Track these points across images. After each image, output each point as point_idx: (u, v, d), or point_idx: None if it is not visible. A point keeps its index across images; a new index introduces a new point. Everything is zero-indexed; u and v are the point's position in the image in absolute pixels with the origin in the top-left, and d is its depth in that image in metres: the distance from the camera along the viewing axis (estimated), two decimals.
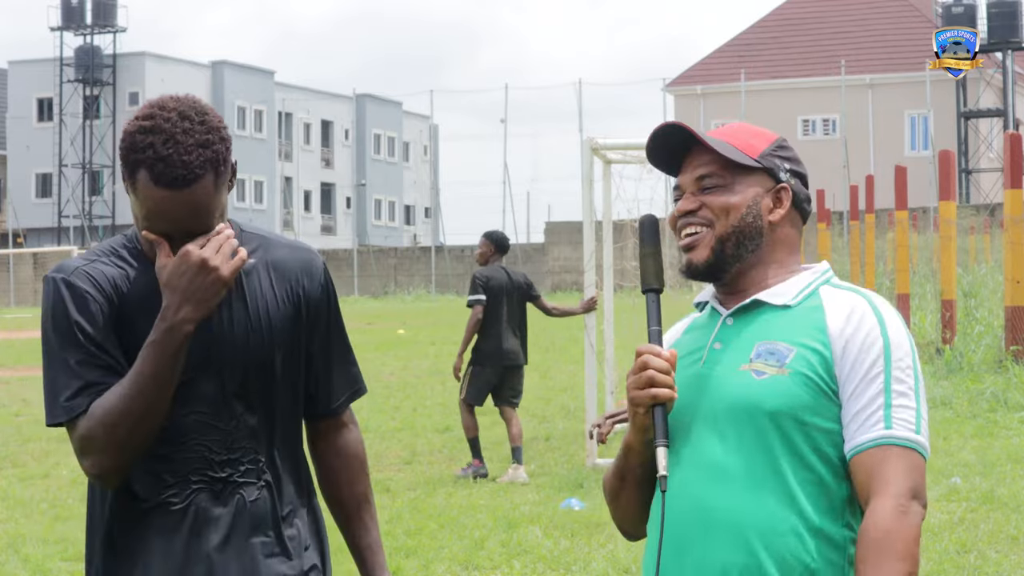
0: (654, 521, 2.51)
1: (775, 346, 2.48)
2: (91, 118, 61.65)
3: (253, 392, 2.73)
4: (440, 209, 56.72)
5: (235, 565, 2.71)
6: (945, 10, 50.97)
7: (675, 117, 57.65)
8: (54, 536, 8.50)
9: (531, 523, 8.40)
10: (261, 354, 2.72)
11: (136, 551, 2.71)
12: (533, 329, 11.33)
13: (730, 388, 2.48)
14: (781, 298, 2.54)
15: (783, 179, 2.59)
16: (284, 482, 2.78)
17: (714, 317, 2.61)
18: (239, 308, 2.72)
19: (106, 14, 61.22)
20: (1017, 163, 13.89)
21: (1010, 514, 8.07)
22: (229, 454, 2.70)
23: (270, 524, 2.74)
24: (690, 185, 2.59)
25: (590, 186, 11.23)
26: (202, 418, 2.69)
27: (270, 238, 2.82)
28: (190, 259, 2.57)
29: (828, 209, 28.09)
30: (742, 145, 2.60)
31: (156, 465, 2.69)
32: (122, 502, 2.72)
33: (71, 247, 49.34)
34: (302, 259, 2.81)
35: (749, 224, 2.56)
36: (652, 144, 2.63)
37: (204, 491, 2.69)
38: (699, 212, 2.57)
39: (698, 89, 58.28)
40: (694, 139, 2.60)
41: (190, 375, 2.66)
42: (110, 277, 2.67)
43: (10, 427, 13.68)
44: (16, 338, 29.04)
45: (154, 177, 2.56)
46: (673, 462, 2.48)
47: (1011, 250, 13.78)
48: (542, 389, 16.25)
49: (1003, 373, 13.45)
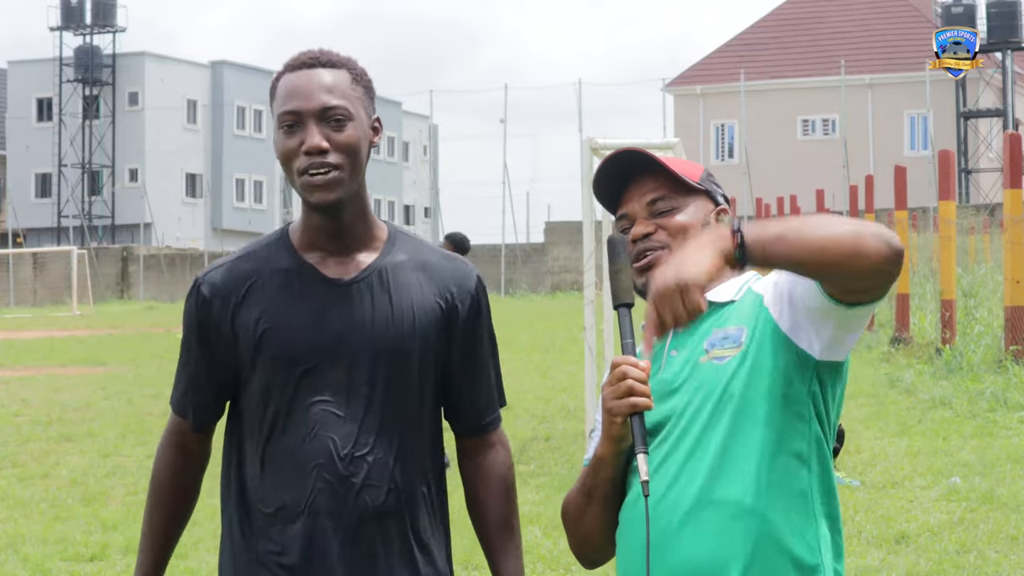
0: (630, 528, 2.54)
1: (726, 331, 2.57)
2: (91, 118, 61.63)
3: (382, 385, 2.67)
4: (440, 209, 56.70)
5: (357, 572, 2.66)
6: (945, 10, 50.95)
7: (675, 117, 57.66)
8: (54, 536, 8.49)
9: (531, 523, 8.40)
10: (398, 345, 2.68)
11: (257, 552, 2.69)
12: (534, 329, 11.31)
13: (698, 383, 2.55)
14: (726, 294, 2.63)
15: (719, 201, 2.72)
16: (415, 489, 2.72)
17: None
18: (382, 299, 2.70)
19: (106, 14, 61.21)
20: (1016, 163, 13.88)
21: (1010, 514, 8.07)
22: (355, 451, 2.65)
23: (394, 530, 2.68)
24: (641, 211, 2.68)
25: (590, 186, 11.22)
26: (327, 407, 2.65)
27: (426, 244, 2.82)
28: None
29: (828, 209, 28.07)
30: (682, 171, 2.70)
31: (274, 459, 2.68)
32: (237, 501, 2.74)
33: (71, 247, 49.32)
34: (457, 268, 2.79)
35: None
36: (602, 174, 2.72)
37: (325, 491, 2.64)
38: (655, 235, 2.66)
39: (698, 89, 58.25)
40: (637, 167, 2.69)
41: (316, 362, 2.66)
42: (243, 274, 2.73)
43: (10, 427, 13.67)
44: (16, 338, 29.01)
45: (292, 66, 2.71)
46: (666, 464, 2.53)
47: (1011, 250, 13.78)
48: (542, 389, 16.24)
49: (1003, 373, 13.44)
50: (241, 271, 2.73)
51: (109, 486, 10.26)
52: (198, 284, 2.75)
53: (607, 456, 2.56)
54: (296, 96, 2.66)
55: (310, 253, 2.73)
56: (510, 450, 2.89)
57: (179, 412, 2.80)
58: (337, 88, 2.67)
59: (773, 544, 2.46)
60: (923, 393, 13.34)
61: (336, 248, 2.72)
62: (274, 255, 2.74)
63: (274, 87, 2.72)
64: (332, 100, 2.65)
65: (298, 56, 2.73)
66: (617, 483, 2.59)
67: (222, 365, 2.73)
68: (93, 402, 15.78)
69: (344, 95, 2.67)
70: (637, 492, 2.54)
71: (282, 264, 2.72)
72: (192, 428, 2.79)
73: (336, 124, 2.65)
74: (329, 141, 2.64)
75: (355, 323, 2.67)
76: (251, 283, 2.71)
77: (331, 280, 2.70)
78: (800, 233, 2.36)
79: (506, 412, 11.95)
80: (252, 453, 2.72)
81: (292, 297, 2.68)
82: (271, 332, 2.67)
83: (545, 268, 47.66)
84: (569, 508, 2.67)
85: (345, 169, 2.65)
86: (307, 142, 2.63)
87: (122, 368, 20.45)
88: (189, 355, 2.77)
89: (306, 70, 2.69)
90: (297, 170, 2.65)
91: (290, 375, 2.66)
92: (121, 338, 27.47)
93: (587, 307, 10.83)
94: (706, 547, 2.45)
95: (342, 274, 2.71)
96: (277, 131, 2.68)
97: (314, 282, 2.70)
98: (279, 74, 2.73)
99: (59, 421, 14.02)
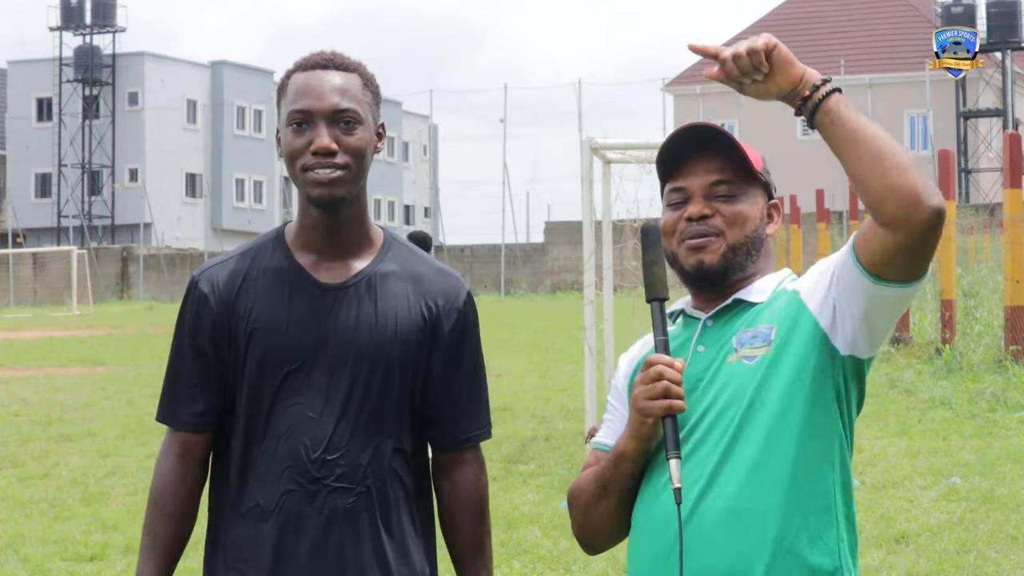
0: (649, 532, 2.51)
1: (756, 330, 2.52)
2: (90, 118, 61.61)
3: (360, 390, 2.69)
4: (440, 209, 56.73)
5: (326, 572, 2.68)
6: (945, 10, 50.94)
7: (675, 117, 57.65)
8: (54, 536, 8.49)
9: (531, 523, 8.40)
10: (379, 351, 2.69)
11: (229, 553, 2.74)
12: (534, 329, 11.31)
13: (725, 382, 2.50)
14: (759, 295, 2.58)
15: (773, 196, 2.66)
16: (388, 493, 2.72)
17: (690, 323, 2.62)
18: (368, 305, 2.72)
19: (105, 14, 61.18)
20: (1016, 163, 13.88)
21: (1010, 514, 8.07)
22: (326, 454, 2.67)
23: (366, 533, 2.69)
24: (700, 190, 2.58)
25: (590, 186, 11.22)
26: (303, 410, 2.68)
27: (419, 254, 2.83)
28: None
29: (828, 209, 28.04)
30: (749, 157, 2.62)
31: (252, 460, 2.71)
32: (216, 501, 2.79)
33: (71, 247, 49.32)
34: (448, 283, 2.80)
35: (757, 236, 2.60)
36: (672, 140, 2.62)
37: (295, 493, 2.67)
38: (712, 219, 2.57)
39: (697, 89, 58.25)
40: (710, 141, 2.60)
41: (299, 363, 2.68)
42: (237, 272, 2.75)
43: (10, 427, 13.67)
44: (16, 338, 29.00)
45: (304, 65, 2.74)
46: (694, 461, 2.48)
47: (1011, 250, 13.78)
48: (542, 389, 16.24)
49: (1003, 373, 13.44)
50: (235, 269, 2.76)
51: (109, 486, 10.26)
52: (195, 281, 2.77)
53: (630, 453, 2.51)
54: (308, 95, 2.68)
55: (304, 254, 2.75)
56: (486, 468, 2.89)
57: (171, 422, 2.79)
58: (349, 91, 2.70)
59: (795, 553, 2.42)
60: (923, 393, 13.34)
61: (330, 250, 2.74)
62: (268, 255, 2.76)
63: (284, 85, 2.74)
64: (344, 103, 2.68)
65: (311, 56, 2.75)
66: (636, 479, 2.55)
67: (218, 363, 2.74)
68: (93, 402, 15.77)
69: (355, 99, 2.70)
70: (657, 494, 2.50)
71: (275, 264, 2.75)
72: (189, 431, 2.78)
73: (346, 127, 2.68)
74: (338, 143, 2.67)
75: (338, 327, 2.69)
76: (244, 281, 2.74)
77: (321, 284, 2.73)
78: (872, 127, 2.42)
79: (506, 412, 11.96)
80: (235, 454, 2.75)
81: (281, 298, 2.72)
82: (259, 332, 2.71)
83: (545, 268, 47.65)
84: (580, 496, 2.63)
85: (351, 170, 2.68)
86: (316, 142, 2.65)
87: (122, 368, 20.45)
88: (184, 356, 2.77)
89: (319, 71, 2.71)
90: (301, 167, 2.68)
91: (275, 376, 2.69)
92: (121, 338, 27.49)
93: (587, 307, 10.82)
94: (730, 556, 2.41)
95: (332, 279, 2.73)
96: (285, 128, 2.70)
97: (304, 285, 2.72)
98: (290, 72, 2.75)
99: (59, 421, 14.02)
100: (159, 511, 2.78)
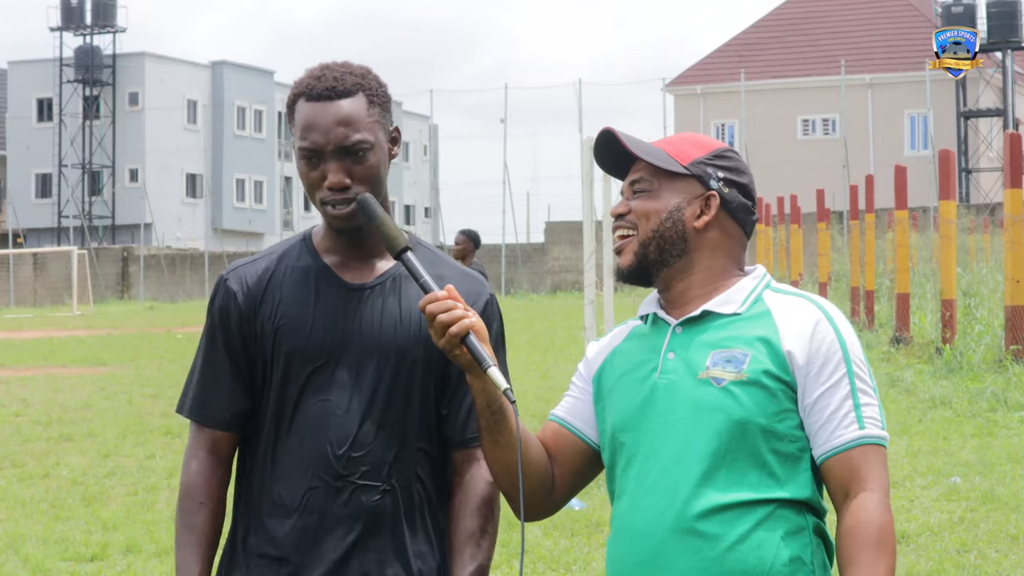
0: (623, 539, 2.55)
1: (731, 353, 2.54)
2: (91, 118, 61.63)
3: (384, 388, 2.72)
4: (440, 209, 56.68)
5: (349, 569, 2.70)
6: (945, 10, 50.94)
7: (675, 117, 57.66)
8: (54, 536, 8.50)
9: (531, 523, 8.40)
10: (404, 349, 2.73)
11: (251, 549, 2.75)
12: (534, 329, 11.32)
13: (692, 398, 2.53)
14: (729, 306, 2.59)
15: (712, 186, 2.62)
16: (411, 491, 2.74)
17: (660, 326, 2.65)
18: (392, 303, 2.76)
19: (106, 14, 61.20)
20: (1017, 163, 13.88)
21: (1010, 514, 8.07)
22: (351, 451, 2.70)
23: (388, 530, 2.72)
24: (626, 190, 2.68)
25: (590, 186, 11.23)
26: (329, 407, 2.71)
27: (445, 258, 2.87)
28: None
29: (828, 209, 28.07)
30: (675, 152, 2.65)
31: (277, 457, 2.73)
32: (240, 498, 2.81)
33: (71, 247, 49.32)
34: (470, 285, 2.82)
35: (669, 229, 2.61)
36: (597, 151, 2.72)
37: (320, 489, 2.70)
38: (627, 216, 2.65)
39: (698, 89, 58.26)
40: (620, 147, 2.67)
41: (324, 360, 2.72)
42: (264, 270, 2.80)
43: (10, 427, 13.67)
44: (16, 338, 29.01)
45: (307, 94, 2.73)
46: (644, 470, 2.54)
47: (1011, 249, 13.78)
48: (542, 389, 16.24)
49: (1003, 373, 13.44)
50: (263, 268, 2.82)
51: (109, 486, 10.26)
52: (224, 280, 2.82)
53: (478, 395, 2.57)
54: (314, 131, 2.70)
55: (330, 255, 2.81)
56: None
57: (201, 419, 2.81)
58: (354, 120, 2.71)
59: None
60: (923, 393, 13.34)
61: (356, 252, 2.80)
62: (295, 255, 2.82)
63: (291, 109, 2.77)
64: (352, 136, 2.70)
65: (313, 81, 2.75)
66: (507, 418, 2.58)
67: (247, 361, 2.78)
68: (93, 402, 15.77)
69: (362, 125, 2.72)
70: (638, 500, 2.54)
71: (302, 264, 2.80)
72: (220, 428, 2.80)
73: (356, 157, 2.71)
74: (350, 175, 2.70)
75: (364, 325, 2.73)
76: (271, 280, 2.79)
77: (346, 283, 2.78)
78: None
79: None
80: (260, 450, 2.78)
81: (308, 296, 2.77)
82: (286, 329, 2.75)
83: (545, 268, 47.66)
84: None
85: (367, 193, 2.73)
86: (329, 179, 2.70)
87: (122, 368, 20.45)
88: (214, 354, 2.80)
89: (323, 103, 2.72)
90: (320, 200, 2.74)
91: (300, 373, 2.73)
92: (121, 338, 27.47)
93: (587, 307, 10.83)
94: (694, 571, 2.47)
95: (357, 279, 2.78)
96: (298, 160, 2.75)
97: (331, 284, 2.78)
98: (295, 96, 2.77)
99: (59, 421, 14.03)
100: (195, 503, 2.78)
